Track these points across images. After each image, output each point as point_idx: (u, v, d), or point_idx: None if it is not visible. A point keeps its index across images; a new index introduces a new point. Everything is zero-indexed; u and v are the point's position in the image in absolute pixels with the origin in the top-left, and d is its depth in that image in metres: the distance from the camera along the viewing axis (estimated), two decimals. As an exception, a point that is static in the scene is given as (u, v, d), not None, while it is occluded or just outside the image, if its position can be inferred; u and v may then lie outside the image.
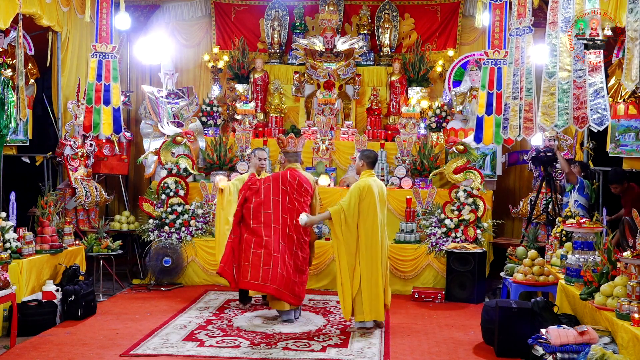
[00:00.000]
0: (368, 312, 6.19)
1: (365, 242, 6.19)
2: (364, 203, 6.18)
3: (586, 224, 5.81)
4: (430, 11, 10.76)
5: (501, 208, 9.57)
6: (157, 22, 10.70)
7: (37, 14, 7.84)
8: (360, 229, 6.18)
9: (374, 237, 6.21)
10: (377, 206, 6.23)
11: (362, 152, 6.59)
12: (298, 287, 6.56)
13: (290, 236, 6.54)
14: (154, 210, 8.58)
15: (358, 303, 6.20)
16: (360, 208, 6.17)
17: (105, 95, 7.42)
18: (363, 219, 6.19)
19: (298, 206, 6.55)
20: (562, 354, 4.67)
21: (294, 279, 6.50)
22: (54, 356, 5.47)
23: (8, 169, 8.32)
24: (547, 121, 5.38)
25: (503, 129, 6.21)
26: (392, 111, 10.35)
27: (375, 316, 6.25)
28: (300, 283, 6.59)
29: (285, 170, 6.72)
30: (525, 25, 5.97)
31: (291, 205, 6.56)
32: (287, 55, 10.79)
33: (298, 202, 6.57)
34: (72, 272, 6.92)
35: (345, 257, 6.20)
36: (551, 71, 5.32)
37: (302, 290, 6.66)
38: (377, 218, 6.22)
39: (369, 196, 6.19)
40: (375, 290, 6.20)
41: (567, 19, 5.26)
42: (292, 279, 6.47)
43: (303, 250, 6.64)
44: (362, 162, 6.40)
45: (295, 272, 6.53)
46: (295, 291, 6.53)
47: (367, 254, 6.19)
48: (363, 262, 6.19)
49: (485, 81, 6.85)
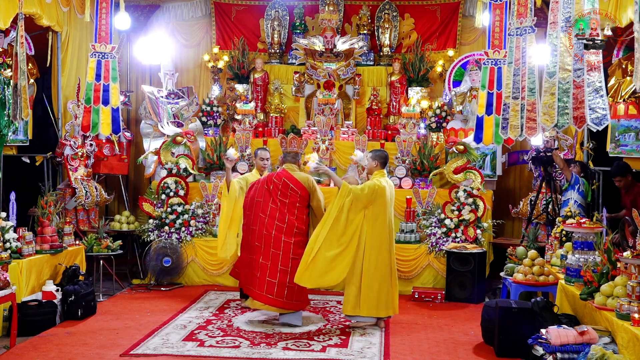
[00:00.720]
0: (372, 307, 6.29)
1: (371, 242, 6.26)
2: (375, 204, 6.26)
3: (586, 224, 5.81)
4: (430, 11, 10.76)
5: (501, 208, 9.57)
6: (157, 22, 10.70)
7: (37, 14, 7.84)
8: (368, 227, 6.24)
9: (382, 237, 6.29)
10: (387, 207, 6.33)
11: (375, 152, 6.61)
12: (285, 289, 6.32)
13: (267, 236, 6.40)
14: (154, 210, 8.58)
15: (365, 298, 6.26)
16: (371, 208, 6.25)
17: (104, 95, 7.41)
18: (372, 219, 6.25)
19: (281, 206, 6.43)
20: (562, 354, 4.67)
21: (282, 282, 6.33)
22: (54, 356, 5.47)
23: (8, 169, 8.32)
24: (548, 121, 5.38)
25: (502, 129, 6.20)
26: (392, 111, 10.35)
27: (377, 313, 6.35)
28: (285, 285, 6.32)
29: (275, 171, 6.72)
30: (527, 25, 5.96)
31: (274, 205, 6.45)
32: (287, 55, 10.79)
33: (282, 202, 6.45)
34: (72, 272, 6.91)
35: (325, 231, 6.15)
36: (552, 71, 5.32)
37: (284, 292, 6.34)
38: (386, 220, 6.32)
39: (380, 197, 6.28)
40: (386, 287, 6.29)
41: (567, 18, 5.26)
42: (279, 282, 6.32)
43: (289, 250, 6.40)
44: (375, 162, 6.47)
45: (282, 275, 6.34)
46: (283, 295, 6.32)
47: (373, 253, 6.25)
48: (367, 261, 6.24)
49: (485, 81, 6.85)
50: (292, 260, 6.33)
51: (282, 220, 6.42)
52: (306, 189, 6.53)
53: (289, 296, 6.34)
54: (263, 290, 6.33)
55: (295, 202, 6.47)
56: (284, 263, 6.36)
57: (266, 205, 6.48)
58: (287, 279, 6.31)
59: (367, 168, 6.69)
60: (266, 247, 6.40)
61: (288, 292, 6.33)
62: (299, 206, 6.49)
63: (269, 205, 6.46)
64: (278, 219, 6.41)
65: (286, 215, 6.41)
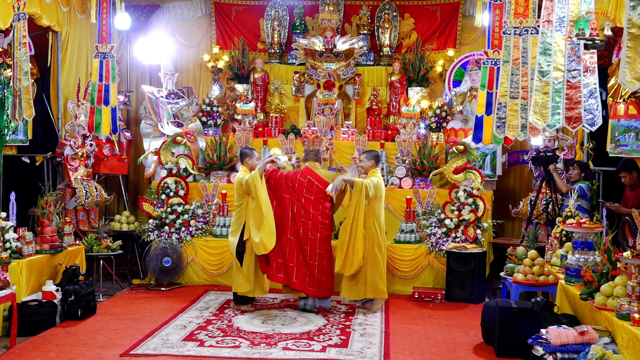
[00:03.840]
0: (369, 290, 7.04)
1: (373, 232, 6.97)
2: (376, 198, 6.99)
3: (586, 224, 5.81)
4: (430, 11, 10.77)
5: (501, 208, 9.56)
6: (157, 22, 10.71)
7: (37, 14, 7.83)
8: (372, 219, 6.98)
9: (379, 227, 7.04)
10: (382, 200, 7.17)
11: (370, 152, 7.28)
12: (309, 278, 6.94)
13: (296, 233, 6.96)
14: (154, 210, 8.58)
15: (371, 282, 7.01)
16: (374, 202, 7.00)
17: (105, 95, 7.43)
18: (374, 210, 6.98)
19: (306, 203, 6.94)
20: (562, 354, 4.67)
21: (305, 271, 6.93)
22: (54, 356, 5.48)
23: (8, 169, 8.32)
24: (540, 120, 5.38)
25: (497, 128, 6.19)
26: (392, 111, 10.35)
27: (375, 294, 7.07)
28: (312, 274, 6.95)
29: (299, 169, 7.13)
30: (530, 26, 5.96)
31: (298, 203, 6.96)
32: (287, 55, 10.79)
33: (307, 199, 6.95)
34: (72, 272, 6.91)
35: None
36: (545, 70, 5.32)
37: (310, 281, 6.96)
38: (382, 211, 7.14)
39: (380, 192, 7.05)
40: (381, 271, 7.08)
41: (561, 18, 5.25)
42: (303, 272, 6.93)
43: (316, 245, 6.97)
44: (372, 161, 7.17)
45: (304, 265, 6.93)
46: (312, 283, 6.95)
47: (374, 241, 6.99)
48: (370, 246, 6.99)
49: (485, 81, 6.85)
50: (319, 254, 6.96)
51: (308, 217, 6.95)
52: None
53: (319, 286, 6.99)
54: (299, 279, 6.94)
55: (320, 199, 6.99)
56: (312, 258, 6.94)
57: (294, 202, 6.96)
58: (316, 271, 6.95)
59: (364, 168, 7.20)
60: (297, 242, 6.95)
61: (317, 282, 6.99)
62: (323, 202, 7.01)
63: (295, 203, 6.96)
64: (304, 217, 6.94)
65: (311, 213, 6.94)
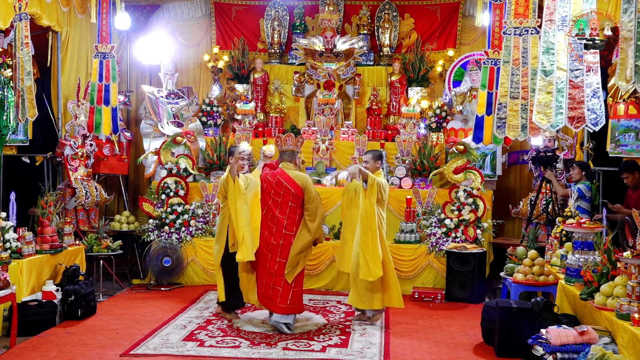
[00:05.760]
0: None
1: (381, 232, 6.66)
2: (382, 200, 6.74)
3: (586, 224, 5.81)
4: (430, 11, 10.77)
5: (501, 208, 9.57)
6: (157, 22, 10.70)
7: (37, 14, 7.83)
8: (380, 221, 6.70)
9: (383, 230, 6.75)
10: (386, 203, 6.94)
11: (374, 152, 7.01)
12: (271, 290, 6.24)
13: (262, 237, 6.35)
14: (154, 210, 8.58)
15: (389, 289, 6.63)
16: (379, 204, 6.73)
17: (106, 95, 7.44)
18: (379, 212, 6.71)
19: (273, 205, 6.32)
20: (562, 354, 4.67)
21: (267, 283, 6.27)
22: (54, 356, 5.47)
23: (8, 169, 8.32)
24: (543, 120, 5.37)
25: (497, 128, 6.18)
26: (392, 111, 10.35)
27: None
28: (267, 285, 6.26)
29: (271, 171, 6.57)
30: (530, 26, 5.95)
31: (267, 205, 6.39)
32: (287, 55, 10.79)
33: (274, 201, 6.34)
34: (72, 272, 6.91)
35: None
36: (548, 70, 5.31)
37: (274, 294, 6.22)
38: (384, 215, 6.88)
39: (386, 194, 6.83)
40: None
41: (563, 18, 5.25)
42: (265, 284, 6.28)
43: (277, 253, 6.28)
44: (378, 161, 6.91)
45: (269, 276, 6.27)
46: (270, 296, 6.24)
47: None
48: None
49: (485, 81, 6.85)
50: (279, 263, 6.24)
51: (273, 221, 6.32)
52: (300, 188, 6.35)
53: (274, 298, 6.22)
54: (261, 293, 6.33)
55: (288, 201, 6.32)
56: (271, 266, 6.27)
57: (263, 204, 6.44)
58: (272, 281, 6.24)
59: (370, 168, 6.76)
60: (263, 249, 6.35)
61: (273, 293, 6.24)
62: (292, 205, 6.33)
63: (264, 206, 6.42)
64: (270, 220, 6.33)
65: (276, 216, 6.30)
